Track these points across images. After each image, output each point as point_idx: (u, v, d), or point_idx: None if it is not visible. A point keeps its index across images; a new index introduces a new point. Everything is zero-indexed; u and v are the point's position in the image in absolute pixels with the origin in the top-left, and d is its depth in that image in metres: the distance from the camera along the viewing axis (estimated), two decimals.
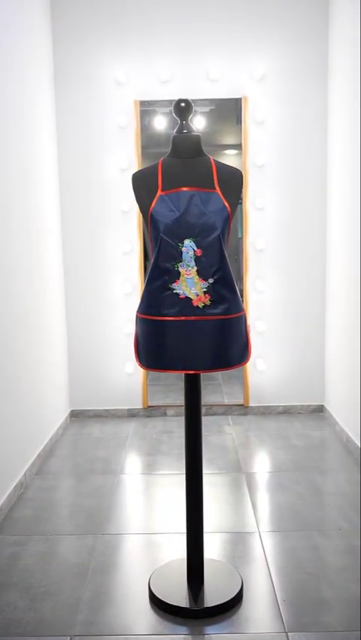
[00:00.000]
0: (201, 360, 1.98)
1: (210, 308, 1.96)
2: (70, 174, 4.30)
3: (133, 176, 2.07)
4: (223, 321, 1.98)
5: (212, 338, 1.98)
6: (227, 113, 4.36)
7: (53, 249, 4.11)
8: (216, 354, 1.99)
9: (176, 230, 1.94)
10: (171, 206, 1.95)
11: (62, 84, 4.23)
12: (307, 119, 4.23)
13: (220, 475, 3.36)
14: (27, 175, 3.51)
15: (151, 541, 2.66)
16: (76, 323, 4.44)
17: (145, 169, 2.07)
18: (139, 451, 3.80)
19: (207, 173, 2.01)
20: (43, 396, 3.79)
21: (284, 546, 2.56)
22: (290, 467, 3.43)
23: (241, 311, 2.04)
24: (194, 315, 1.96)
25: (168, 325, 1.97)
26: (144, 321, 2.03)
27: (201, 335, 1.97)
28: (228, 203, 1.98)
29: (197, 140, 2.04)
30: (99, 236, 4.36)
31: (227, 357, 2.01)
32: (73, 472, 3.47)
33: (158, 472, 3.45)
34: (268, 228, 4.33)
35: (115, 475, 3.39)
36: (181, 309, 1.96)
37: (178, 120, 2.05)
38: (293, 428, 4.13)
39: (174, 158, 2.04)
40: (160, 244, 1.95)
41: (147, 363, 2.06)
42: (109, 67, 4.22)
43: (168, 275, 1.96)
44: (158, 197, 1.97)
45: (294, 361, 4.45)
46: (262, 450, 3.76)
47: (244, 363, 2.08)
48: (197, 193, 1.96)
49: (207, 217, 1.94)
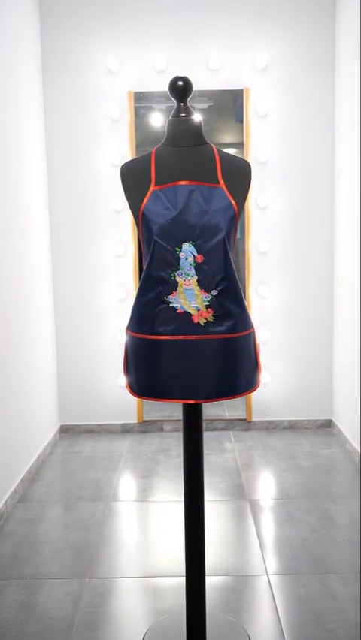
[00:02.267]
0: (202, 388, 1.66)
1: (214, 325, 1.64)
2: (58, 171, 3.99)
3: (121, 168, 1.75)
4: (229, 340, 1.66)
5: (216, 361, 1.66)
6: (226, 110, 4.05)
7: (40, 251, 3.78)
8: (221, 380, 1.67)
9: (172, 231, 1.62)
10: (167, 203, 1.63)
11: (49, 74, 3.92)
12: (313, 112, 3.92)
13: (222, 502, 3.04)
14: (11, 171, 3.19)
15: (146, 586, 2.34)
16: (65, 331, 4.13)
17: (135, 160, 1.75)
18: (133, 473, 3.48)
19: (210, 165, 1.69)
20: (29, 411, 3.47)
21: (297, 593, 2.24)
22: (299, 493, 3.11)
23: (249, 328, 1.72)
24: (194, 334, 1.64)
25: (164, 345, 1.65)
26: (135, 340, 1.71)
27: (202, 357, 1.65)
28: (234, 200, 1.66)
29: (197, 126, 1.72)
30: (90, 238, 4.04)
31: (234, 384, 1.69)
32: (60, 498, 3.14)
33: (154, 498, 3.13)
34: (271, 229, 4.01)
35: (106, 503, 3.06)
36: (179, 327, 1.64)
37: (175, 102, 1.72)
38: (300, 446, 3.81)
39: (170, 147, 1.72)
40: (153, 249, 1.63)
41: (139, 390, 1.73)
42: (101, 56, 3.91)
43: (163, 285, 1.64)
44: (151, 193, 1.65)
45: (300, 372, 4.13)
46: (268, 472, 3.44)
47: (253, 390, 1.76)
48: (197, 188, 1.64)
49: (210, 216, 1.62)
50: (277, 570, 2.40)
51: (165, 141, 1.73)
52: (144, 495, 3.17)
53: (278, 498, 3.07)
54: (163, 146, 1.73)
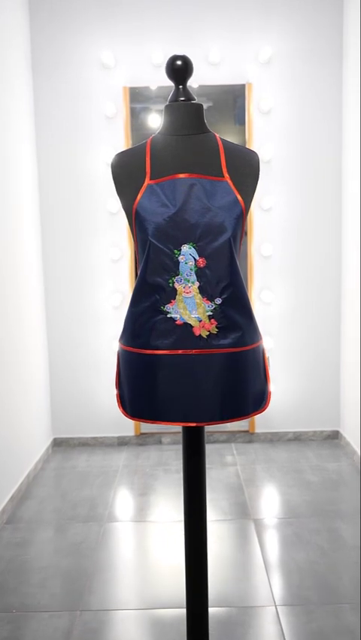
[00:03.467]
0: (205, 409, 1.47)
1: (218, 338, 1.45)
2: (50, 171, 3.80)
3: (112, 160, 1.55)
4: (235, 355, 1.46)
5: (220, 378, 1.46)
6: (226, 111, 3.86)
7: (31, 256, 3.59)
8: (227, 399, 1.47)
9: (170, 232, 1.42)
10: (164, 199, 1.44)
11: (40, 69, 3.73)
12: (319, 108, 3.73)
13: (225, 522, 2.84)
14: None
15: (143, 619, 2.14)
16: (58, 339, 3.93)
17: (128, 150, 1.56)
18: (130, 490, 3.28)
19: (213, 155, 1.49)
20: (20, 424, 3.28)
21: (309, 628, 2.04)
22: (306, 511, 2.91)
23: (257, 340, 1.53)
24: (195, 348, 1.44)
25: (161, 361, 1.46)
26: (129, 354, 1.52)
27: (205, 374, 1.45)
28: (241, 195, 1.46)
29: (198, 110, 1.53)
30: (84, 242, 3.85)
31: (241, 404, 1.49)
32: (51, 519, 2.94)
33: (152, 518, 2.93)
34: (276, 232, 3.82)
35: (101, 524, 2.86)
36: (178, 340, 1.44)
37: (173, 84, 1.53)
38: (306, 459, 3.61)
39: (167, 136, 1.52)
40: (149, 251, 1.44)
41: (133, 411, 1.54)
42: (94, 50, 3.72)
43: (160, 293, 1.45)
44: (146, 188, 1.46)
45: (305, 382, 3.93)
46: (272, 488, 3.24)
47: (263, 410, 1.56)
48: (199, 181, 1.45)
49: (213, 214, 1.43)
50: (286, 600, 2.20)
51: (161, 129, 1.53)
52: (142, 515, 2.97)
53: (284, 517, 2.87)
54: (160, 134, 1.53)
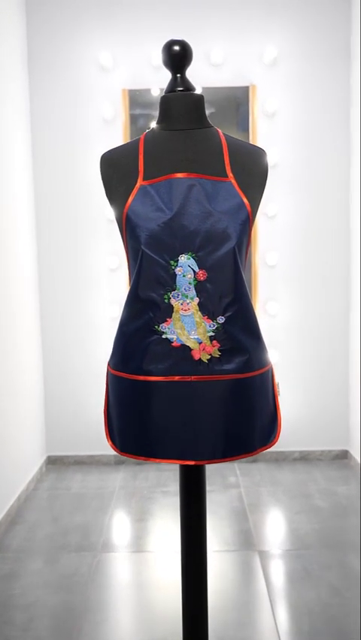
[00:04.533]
0: (206, 445, 1.27)
1: (221, 362, 1.25)
2: (46, 176, 3.62)
3: (101, 158, 1.37)
4: (241, 382, 1.27)
5: (223, 409, 1.27)
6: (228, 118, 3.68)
7: (25, 265, 3.40)
8: (231, 433, 1.28)
9: (166, 239, 1.24)
10: (159, 202, 1.25)
11: (36, 70, 3.56)
12: (326, 110, 3.55)
13: (227, 553, 2.63)
14: None
15: None
16: (53, 353, 3.74)
17: (119, 147, 1.37)
18: (127, 514, 3.08)
19: (215, 153, 1.31)
20: (12, 441, 3.10)
21: None
22: (316, 542, 2.70)
23: (266, 365, 1.33)
24: (195, 374, 1.25)
25: (155, 389, 1.27)
26: (118, 380, 1.32)
27: (206, 404, 1.26)
28: (247, 198, 1.27)
29: (199, 102, 1.35)
30: (80, 250, 3.66)
31: (247, 438, 1.30)
32: (41, 548, 2.73)
33: (150, 547, 2.72)
34: (281, 240, 3.63)
35: (94, 554, 2.66)
36: (175, 365, 1.25)
37: (170, 72, 1.35)
38: (314, 482, 3.41)
39: (163, 131, 1.34)
40: (141, 262, 1.25)
41: (122, 445, 1.34)
42: (92, 50, 3.55)
43: (154, 310, 1.25)
44: (138, 189, 1.27)
45: (312, 398, 3.73)
46: (278, 514, 3.03)
47: (272, 444, 1.36)
48: (199, 182, 1.26)
49: (216, 219, 1.24)
50: None
51: (157, 123, 1.35)
52: (138, 543, 2.77)
53: (292, 549, 2.66)
54: (155, 129, 1.35)
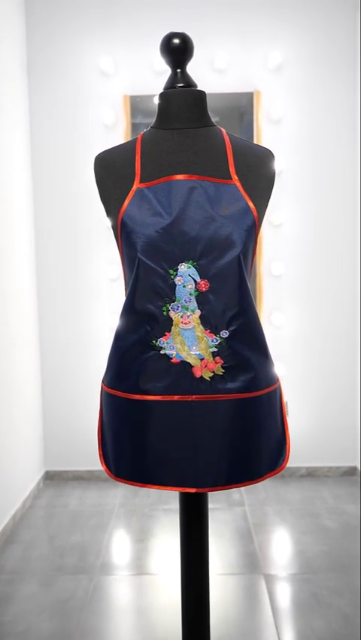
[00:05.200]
0: (208, 471, 1.16)
1: (224, 380, 1.15)
2: (45, 183, 3.53)
3: (95, 159, 1.27)
4: (246, 402, 1.16)
5: (227, 432, 1.16)
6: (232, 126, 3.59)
7: (24, 275, 3.31)
8: (236, 458, 1.17)
9: (165, 247, 1.14)
10: (157, 206, 1.15)
11: (35, 75, 3.48)
12: (333, 116, 3.46)
13: (231, 577, 2.51)
14: None
15: None
16: (52, 364, 3.63)
17: (114, 148, 1.27)
18: (126, 534, 2.96)
19: (218, 153, 1.21)
20: (8, 456, 2.99)
21: None
22: (325, 565, 2.58)
23: (273, 383, 1.23)
24: (196, 393, 1.15)
25: (152, 409, 1.16)
26: (113, 399, 1.22)
27: (208, 427, 1.15)
28: (253, 202, 1.17)
29: (200, 99, 1.25)
30: (80, 259, 3.57)
31: (253, 463, 1.19)
32: (36, 569, 2.62)
33: (150, 569, 2.60)
34: (287, 249, 3.53)
35: (91, 577, 2.54)
36: (174, 383, 1.15)
37: (170, 67, 1.25)
38: (322, 500, 3.28)
39: (162, 130, 1.24)
40: (137, 271, 1.15)
41: (117, 470, 1.23)
42: (93, 56, 3.47)
43: (152, 324, 1.15)
44: (134, 192, 1.17)
45: (320, 412, 3.61)
46: (285, 534, 2.91)
47: (280, 470, 1.25)
48: (201, 184, 1.16)
49: (219, 225, 1.14)
50: None
51: (155, 122, 1.25)
52: (138, 565, 2.65)
53: (299, 573, 2.54)
54: (153, 129, 1.25)
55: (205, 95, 1.25)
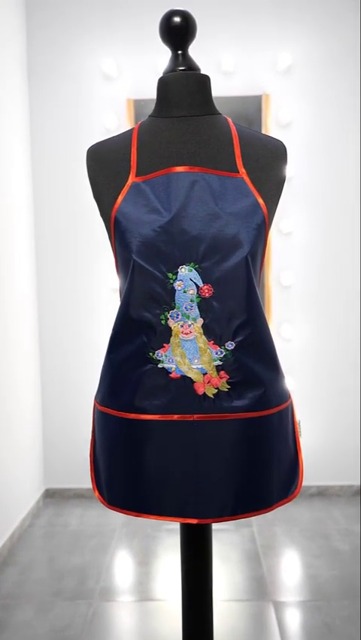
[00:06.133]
0: (212, 499, 1.03)
1: (230, 398, 1.02)
2: (46, 189, 3.43)
3: (87, 152, 1.15)
4: (255, 421, 1.03)
5: (234, 455, 1.03)
6: None
7: (23, 285, 3.19)
8: (243, 485, 1.04)
9: (163, 247, 1.01)
10: (154, 202, 1.03)
11: (36, 79, 3.39)
12: (345, 120, 3.34)
13: (238, 604, 2.36)
14: None
15: None
16: (52, 378, 3.51)
17: (109, 139, 1.16)
18: (128, 555, 2.82)
19: (223, 143, 1.09)
20: (7, 473, 2.88)
21: None
22: (337, 591, 2.43)
23: (285, 400, 1.10)
24: (199, 412, 1.02)
25: (149, 430, 1.03)
26: (106, 418, 1.09)
27: (212, 449, 1.02)
28: (262, 198, 1.05)
29: (203, 84, 1.13)
30: (81, 269, 3.45)
31: (263, 491, 1.06)
32: (32, 594, 2.48)
33: (154, 594, 2.46)
34: (297, 258, 3.40)
35: (90, 603, 2.40)
36: (174, 400, 1.02)
37: (170, 50, 1.14)
38: (333, 520, 3.13)
39: (161, 119, 1.12)
40: (133, 275, 1.02)
41: (110, 497, 1.11)
42: (95, 58, 3.37)
43: (149, 334, 1.03)
44: (129, 187, 1.05)
45: (330, 429, 3.47)
46: (295, 557, 2.76)
47: (292, 497, 1.12)
48: (204, 177, 1.04)
49: (224, 223, 1.02)
50: None
51: (154, 110, 1.14)
52: (140, 590, 2.51)
53: (311, 599, 2.39)
54: (151, 117, 1.13)
55: (209, 79, 1.14)
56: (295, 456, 1.12)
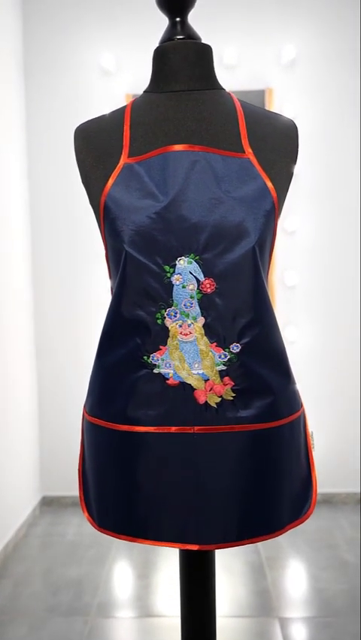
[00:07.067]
0: (215, 523, 0.91)
1: (236, 407, 0.90)
2: (43, 188, 3.32)
3: (75, 131, 1.04)
4: (263, 434, 0.92)
5: (239, 472, 0.91)
6: None
7: (19, 289, 3.08)
8: (249, 506, 0.92)
9: (159, 236, 0.90)
10: (149, 185, 0.92)
11: (33, 74, 3.28)
12: (350, 115, 3.23)
13: (242, 620, 2.24)
14: None
15: None
16: (49, 382, 3.40)
17: (98, 117, 1.05)
18: (128, 567, 2.70)
19: (227, 120, 0.98)
20: (3, 479, 2.77)
21: None
22: (346, 607, 2.31)
23: (297, 409, 0.98)
24: (200, 424, 0.90)
25: (144, 443, 0.92)
26: (95, 430, 0.98)
27: (215, 466, 0.91)
28: (271, 181, 0.93)
29: (204, 54, 1.02)
30: (79, 269, 3.34)
31: (272, 513, 0.94)
32: (26, 609, 2.36)
33: (153, 611, 2.34)
34: (301, 258, 3.29)
35: (86, 619, 2.28)
36: (172, 410, 0.90)
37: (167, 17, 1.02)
38: (340, 529, 3.01)
39: (157, 94, 1.01)
40: (125, 268, 0.91)
41: (100, 519, 0.99)
42: (94, 53, 3.27)
43: (143, 335, 0.91)
44: (121, 169, 0.94)
45: (335, 435, 3.34)
46: (301, 569, 2.64)
47: (305, 519, 1.00)
48: (205, 157, 0.92)
49: (228, 208, 0.90)
50: None
51: (149, 85, 1.03)
52: (140, 606, 2.38)
53: (318, 616, 2.26)
54: (146, 93, 1.02)
55: (211, 50, 1.02)
56: (307, 472, 1.01)
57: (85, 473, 1.03)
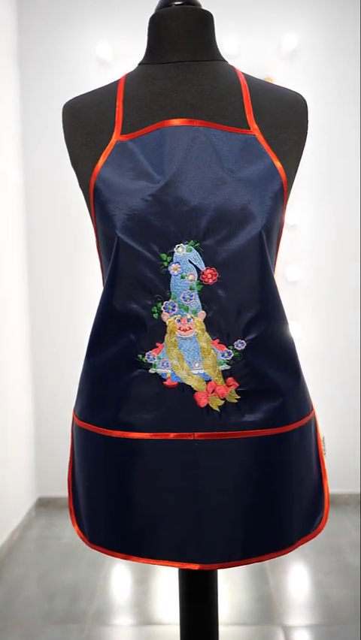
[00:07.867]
0: (218, 540, 0.82)
1: (240, 411, 0.81)
2: (39, 183, 3.23)
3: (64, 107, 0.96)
4: (271, 440, 0.83)
5: (244, 483, 0.82)
6: None
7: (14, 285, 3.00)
8: (255, 520, 0.83)
9: (155, 222, 0.80)
10: (144, 164, 0.82)
11: (28, 65, 3.19)
12: (351, 105, 3.15)
13: (244, 628, 2.16)
14: None
15: None
16: (44, 381, 3.32)
17: (89, 92, 0.95)
18: (126, 571, 2.62)
19: (230, 94, 0.89)
20: None
21: None
22: (352, 614, 2.22)
23: (307, 413, 0.90)
24: (201, 429, 0.81)
25: (139, 451, 0.83)
26: (86, 435, 0.89)
27: (217, 476, 0.82)
28: (280, 160, 0.84)
29: (205, 20, 0.93)
30: (76, 268, 3.25)
31: (280, 528, 0.85)
32: (20, 616, 2.28)
33: (152, 619, 2.25)
34: (304, 252, 3.20)
35: (82, 627, 2.19)
36: (170, 415, 0.81)
37: None
38: (343, 531, 2.93)
39: (154, 65, 0.92)
40: (117, 257, 0.82)
41: (92, 534, 0.90)
42: (90, 43, 3.18)
43: (137, 330, 0.82)
44: (113, 147, 0.85)
45: (339, 433, 3.26)
46: (305, 574, 2.56)
47: (316, 533, 0.91)
48: (206, 133, 0.83)
49: (232, 190, 0.81)
50: None
51: (144, 57, 0.94)
52: (138, 612, 2.30)
53: (323, 624, 2.18)
54: (141, 65, 0.93)
55: (212, 18, 0.93)
56: (319, 481, 0.92)
57: (74, 483, 0.94)
